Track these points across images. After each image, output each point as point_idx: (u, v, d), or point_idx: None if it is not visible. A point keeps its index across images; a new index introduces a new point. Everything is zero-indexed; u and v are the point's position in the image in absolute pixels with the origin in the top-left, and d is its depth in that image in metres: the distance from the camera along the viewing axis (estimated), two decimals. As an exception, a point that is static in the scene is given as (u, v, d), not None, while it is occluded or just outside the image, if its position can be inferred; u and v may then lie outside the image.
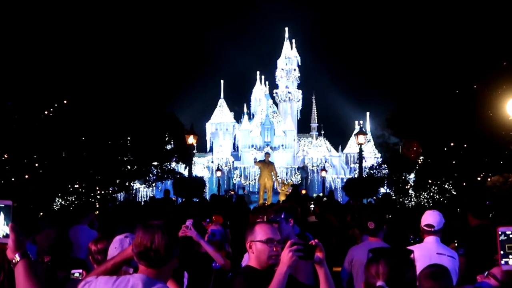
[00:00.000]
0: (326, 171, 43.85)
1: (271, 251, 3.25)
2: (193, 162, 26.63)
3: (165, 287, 2.61)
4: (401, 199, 23.74)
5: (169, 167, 29.05)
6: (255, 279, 3.22)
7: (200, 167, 50.51)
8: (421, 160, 22.33)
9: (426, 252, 4.82)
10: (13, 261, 2.59)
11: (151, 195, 34.22)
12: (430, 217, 5.11)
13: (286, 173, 51.18)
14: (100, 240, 3.95)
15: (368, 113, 56.08)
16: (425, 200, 22.12)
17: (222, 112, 56.19)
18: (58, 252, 3.71)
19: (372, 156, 48.38)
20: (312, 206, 13.35)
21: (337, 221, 10.32)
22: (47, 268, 4.90)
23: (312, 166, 52.89)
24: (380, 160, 34.29)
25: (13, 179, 15.84)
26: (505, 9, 17.48)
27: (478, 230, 6.04)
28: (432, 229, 5.05)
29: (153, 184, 31.45)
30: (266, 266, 3.27)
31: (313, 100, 59.08)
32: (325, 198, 16.61)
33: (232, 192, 36.62)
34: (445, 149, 20.54)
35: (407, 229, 8.43)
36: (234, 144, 56.40)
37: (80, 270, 3.62)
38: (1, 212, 2.64)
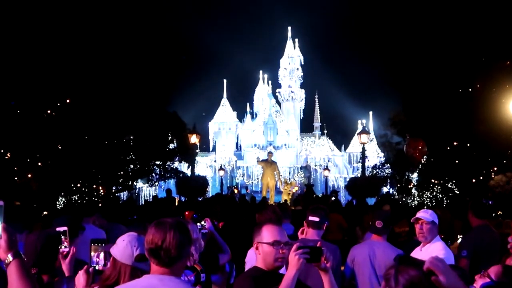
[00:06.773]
0: (329, 170, 43.73)
1: (278, 253, 3.24)
2: (195, 161, 26.65)
3: (182, 282, 2.58)
4: (404, 198, 23.70)
5: (172, 166, 29.06)
6: (262, 281, 3.22)
7: (203, 166, 50.41)
8: (425, 160, 22.29)
9: None
10: (6, 261, 2.59)
11: (154, 194, 34.26)
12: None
13: (289, 173, 51.08)
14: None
15: (371, 113, 55.90)
16: (428, 199, 22.08)
17: (225, 112, 56.09)
18: (45, 259, 3.64)
19: (375, 156, 48.20)
20: None
21: (345, 221, 10.32)
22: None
23: (315, 166, 52.74)
24: (383, 159, 34.17)
25: (16, 178, 15.90)
26: (507, 8, 17.43)
27: (480, 230, 5.99)
28: None
29: (156, 183, 31.48)
30: (272, 268, 3.27)
31: (316, 99, 58.93)
32: (333, 198, 16.59)
33: (236, 191, 36.54)
34: (448, 148, 20.50)
35: (411, 229, 8.39)
36: (237, 143, 56.26)
37: (66, 228, 3.41)
38: None
